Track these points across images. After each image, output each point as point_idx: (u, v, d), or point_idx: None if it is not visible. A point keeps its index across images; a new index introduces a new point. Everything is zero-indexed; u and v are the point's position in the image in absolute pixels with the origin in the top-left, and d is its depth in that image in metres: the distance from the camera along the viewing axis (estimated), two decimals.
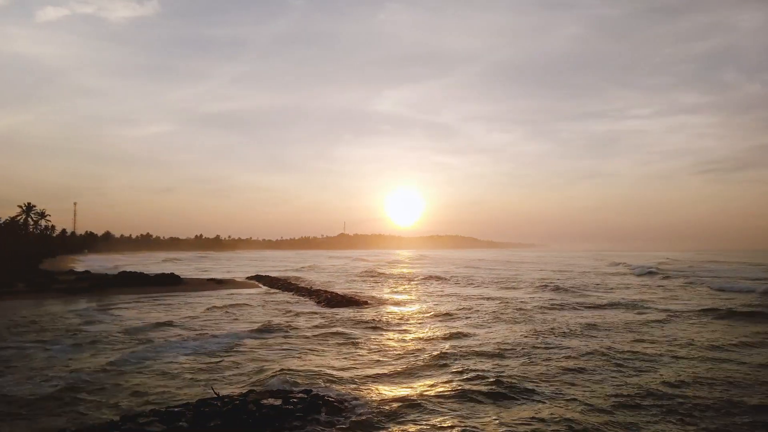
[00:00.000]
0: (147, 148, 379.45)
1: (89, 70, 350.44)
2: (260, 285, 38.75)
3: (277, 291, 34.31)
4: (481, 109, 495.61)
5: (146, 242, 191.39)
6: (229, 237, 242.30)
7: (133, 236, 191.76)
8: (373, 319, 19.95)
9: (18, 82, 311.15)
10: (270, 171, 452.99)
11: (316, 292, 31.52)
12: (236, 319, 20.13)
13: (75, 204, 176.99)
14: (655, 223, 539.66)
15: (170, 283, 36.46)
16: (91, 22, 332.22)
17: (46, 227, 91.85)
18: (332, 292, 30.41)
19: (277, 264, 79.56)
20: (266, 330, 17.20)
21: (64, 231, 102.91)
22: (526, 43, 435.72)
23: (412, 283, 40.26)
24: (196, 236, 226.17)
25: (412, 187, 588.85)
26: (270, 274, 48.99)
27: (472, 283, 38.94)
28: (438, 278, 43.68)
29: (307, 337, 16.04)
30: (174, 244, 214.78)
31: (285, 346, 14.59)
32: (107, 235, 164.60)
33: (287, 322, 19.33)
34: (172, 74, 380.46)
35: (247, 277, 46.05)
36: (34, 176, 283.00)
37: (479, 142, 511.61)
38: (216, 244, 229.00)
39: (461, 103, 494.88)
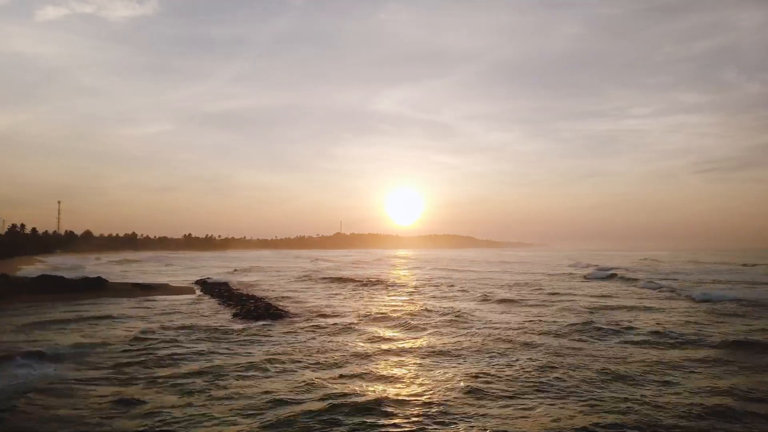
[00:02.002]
0: (147, 148, 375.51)
1: (89, 69, 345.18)
2: (197, 291, 34.50)
3: (206, 297, 30.18)
4: (481, 109, 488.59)
5: (131, 241, 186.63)
6: (219, 236, 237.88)
7: (121, 235, 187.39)
8: (265, 340, 15.71)
9: (18, 82, 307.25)
10: (270, 170, 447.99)
11: (245, 299, 27.57)
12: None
13: (59, 203, 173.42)
14: (654, 222, 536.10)
15: (91, 288, 32.12)
16: (90, 21, 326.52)
17: (14, 225, 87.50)
18: (259, 302, 26.42)
19: (243, 264, 75.31)
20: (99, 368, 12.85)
21: (34, 230, 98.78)
22: (526, 42, 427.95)
23: (353, 288, 36.32)
24: (185, 235, 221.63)
25: (412, 186, 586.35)
26: (221, 277, 44.97)
27: (410, 288, 35.14)
28: (381, 283, 39.38)
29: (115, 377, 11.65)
30: (162, 243, 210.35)
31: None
32: (87, 234, 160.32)
33: (157, 349, 14.95)
34: (172, 73, 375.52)
35: (196, 281, 41.91)
36: (34, 176, 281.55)
37: (479, 141, 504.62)
38: (207, 243, 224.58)
39: (461, 102, 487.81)
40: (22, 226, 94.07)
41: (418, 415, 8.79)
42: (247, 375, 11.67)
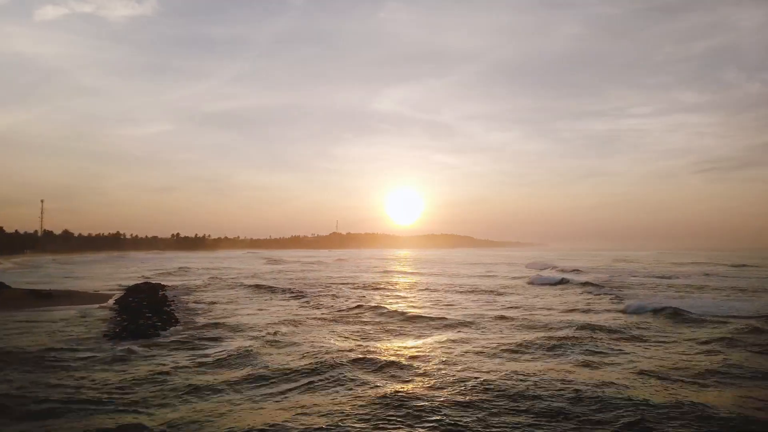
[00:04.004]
0: (147, 148, 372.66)
1: (89, 69, 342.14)
2: (111, 299, 30.62)
3: (113, 308, 26.34)
4: (481, 108, 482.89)
5: (116, 241, 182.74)
6: (208, 236, 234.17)
7: (105, 234, 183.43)
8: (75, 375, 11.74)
9: (17, 82, 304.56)
10: (270, 170, 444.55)
11: (144, 311, 23.75)
12: None
13: (42, 201, 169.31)
14: (654, 222, 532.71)
15: None
16: (90, 21, 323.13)
17: None
18: (156, 315, 22.59)
19: (205, 264, 71.62)
20: None
21: (1, 229, 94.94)
22: (526, 42, 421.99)
23: (273, 297, 32.07)
24: (173, 235, 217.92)
25: (412, 186, 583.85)
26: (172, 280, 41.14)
27: (327, 299, 30.80)
28: (304, 293, 33.66)
29: None
30: (152, 242, 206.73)
31: None
32: (66, 234, 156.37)
33: None
34: (172, 73, 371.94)
35: (130, 286, 38.05)
36: (33, 176, 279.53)
37: (479, 141, 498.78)
38: (196, 243, 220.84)
39: (461, 102, 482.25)
40: None
41: None
42: None
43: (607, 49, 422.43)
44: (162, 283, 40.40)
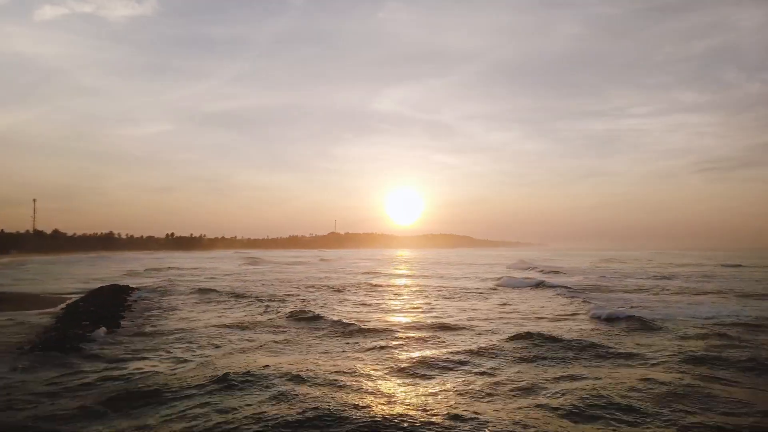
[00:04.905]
0: (147, 148, 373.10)
1: (89, 69, 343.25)
2: (64, 303, 28.87)
3: (56, 314, 24.61)
4: (481, 108, 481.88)
5: (108, 240, 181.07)
6: (204, 236, 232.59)
7: (98, 234, 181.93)
8: None
9: (17, 82, 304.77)
10: (270, 170, 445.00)
11: (82, 318, 22.00)
12: None
13: (35, 201, 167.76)
14: (654, 222, 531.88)
15: None
16: (90, 21, 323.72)
17: None
18: (96, 323, 20.85)
19: (188, 264, 69.89)
20: None
21: None
22: (526, 41, 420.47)
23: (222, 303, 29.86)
24: (167, 235, 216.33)
25: (412, 186, 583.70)
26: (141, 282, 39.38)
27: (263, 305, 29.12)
28: (256, 295, 32.16)
29: None
30: (146, 242, 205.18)
31: None
32: (56, 234, 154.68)
33: None
34: (172, 73, 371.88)
35: (97, 288, 36.30)
36: (33, 176, 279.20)
37: (479, 141, 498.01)
38: (192, 243, 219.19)
39: (461, 101, 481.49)
40: None
41: None
42: None
43: (607, 49, 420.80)
44: (130, 285, 38.71)
